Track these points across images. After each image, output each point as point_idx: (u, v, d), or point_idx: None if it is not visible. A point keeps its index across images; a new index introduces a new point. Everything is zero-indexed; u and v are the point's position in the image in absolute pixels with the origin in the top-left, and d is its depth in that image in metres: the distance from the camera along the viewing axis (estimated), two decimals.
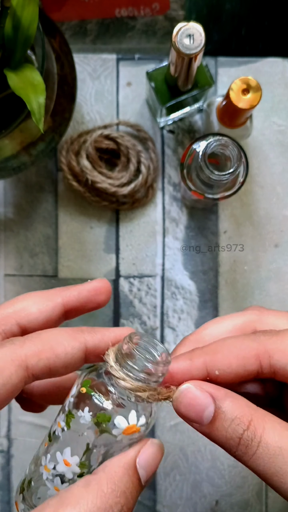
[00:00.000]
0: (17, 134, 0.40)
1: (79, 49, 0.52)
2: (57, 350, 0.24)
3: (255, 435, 0.22)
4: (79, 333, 0.25)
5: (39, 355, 0.23)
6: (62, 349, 0.24)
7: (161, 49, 0.52)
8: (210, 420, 0.23)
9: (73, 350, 0.24)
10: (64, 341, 0.24)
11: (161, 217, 0.52)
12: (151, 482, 0.51)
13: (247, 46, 0.52)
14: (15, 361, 0.23)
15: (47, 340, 0.24)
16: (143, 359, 0.24)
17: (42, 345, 0.24)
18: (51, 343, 0.24)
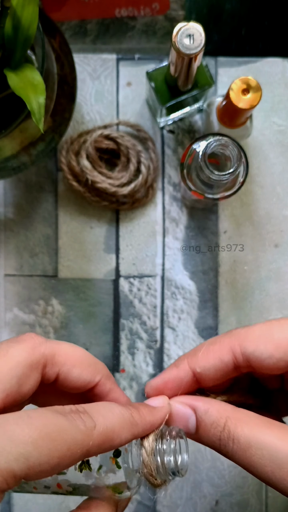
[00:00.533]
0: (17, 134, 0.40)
1: (79, 49, 0.52)
2: (115, 443, 0.24)
3: (229, 433, 0.25)
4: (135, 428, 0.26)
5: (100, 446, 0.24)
6: (119, 442, 0.25)
7: (161, 49, 0.52)
8: (195, 428, 0.27)
9: (125, 442, 0.25)
10: (123, 434, 0.25)
11: (161, 217, 0.52)
12: None
13: (247, 46, 0.52)
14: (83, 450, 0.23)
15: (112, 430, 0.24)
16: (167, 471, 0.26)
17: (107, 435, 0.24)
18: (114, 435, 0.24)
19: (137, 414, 0.26)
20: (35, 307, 0.52)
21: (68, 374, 0.27)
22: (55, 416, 0.22)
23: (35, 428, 0.21)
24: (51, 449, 0.21)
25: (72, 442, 0.22)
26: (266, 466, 0.24)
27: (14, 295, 0.52)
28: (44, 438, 0.21)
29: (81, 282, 0.52)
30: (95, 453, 0.24)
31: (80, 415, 0.23)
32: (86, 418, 0.23)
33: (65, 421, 0.22)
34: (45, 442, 0.21)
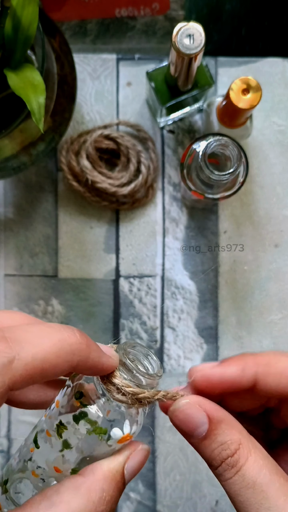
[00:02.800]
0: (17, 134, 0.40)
1: (79, 49, 0.52)
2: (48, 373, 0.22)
3: (237, 463, 0.23)
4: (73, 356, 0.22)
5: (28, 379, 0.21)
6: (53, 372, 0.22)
7: (161, 49, 0.52)
8: (200, 437, 0.24)
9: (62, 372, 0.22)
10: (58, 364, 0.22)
11: (161, 217, 0.52)
12: (151, 482, 0.52)
13: (247, 46, 0.52)
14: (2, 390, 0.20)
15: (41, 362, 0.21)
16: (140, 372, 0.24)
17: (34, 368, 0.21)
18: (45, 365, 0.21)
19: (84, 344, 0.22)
20: (35, 307, 0.52)
21: None
22: None
23: None
24: None
25: None
26: None
27: (14, 295, 0.52)
28: None
29: (81, 282, 0.52)
30: (24, 386, 0.21)
31: None
32: (3, 349, 0.20)
33: None
34: None
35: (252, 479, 0.23)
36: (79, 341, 0.22)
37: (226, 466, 0.23)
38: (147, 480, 0.51)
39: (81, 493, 0.22)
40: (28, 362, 0.20)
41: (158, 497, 0.51)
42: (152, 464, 0.52)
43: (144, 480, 0.52)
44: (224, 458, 0.23)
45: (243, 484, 0.23)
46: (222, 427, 0.24)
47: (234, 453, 0.23)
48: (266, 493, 0.22)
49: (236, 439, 0.24)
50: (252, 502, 0.23)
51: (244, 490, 0.23)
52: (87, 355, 0.22)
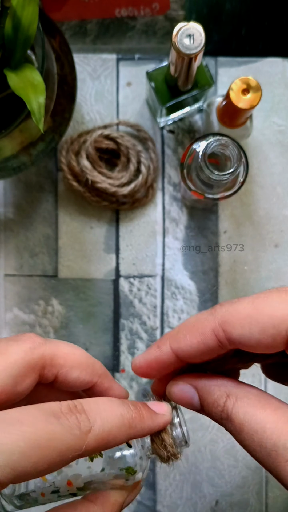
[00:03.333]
0: (17, 134, 0.40)
1: (79, 49, 0.52)
2: (110, 445, 0.24)
3: (227, 414, 0.25)
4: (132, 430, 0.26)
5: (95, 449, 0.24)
6: (114, 444, 0.24)
7: (161, 49, 0.52)
8: (199, 406, 0.27)
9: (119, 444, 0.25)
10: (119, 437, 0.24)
11: (161, 217, 0.52)
12: (151, 482, 0.52)
13: (247, 46, 0.52)
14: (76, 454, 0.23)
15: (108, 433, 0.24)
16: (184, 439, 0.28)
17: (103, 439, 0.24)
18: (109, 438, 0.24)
19: (137, 417, 0.26)
20: (35, 307, 0.52)
21: (66, 375, 0.27)
22: (47, 421, 0.22)
23: (24, 437, 0.20)
24: (40, 457, 0.21)
25: (63, 448, 0.22)
26: (257, 452, 0.24)
27: (14, 295, 0.52)
28: (34, 447, 0.21)
29: (81, 282, 0.52)
30: (88, 455, 0.24)
31: (77, 415, 0.23)
32: (82, 419, 0.23)
33: (58, 426, 0.22)
34: (34, 450, 0.21)
35: (240, 422, 0.25)
36: (134, 416, 0.26)
37: (223, 420, 0.26)
38: (147, 480, 0.51)
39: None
40: (99, 433, 0.23)
41: (158, 497, 0.51)
42: (152, 464, 0.52)
43: (144, 480, 0.52)
44: (219, 414, 0.26)
45: (236, 430, 0.25)
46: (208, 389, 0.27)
47: (224, 406, 0.26)
48: (254, 430, 0.24)
49: (222, 394, 0.26)
50: (248, 444, 0.24)
51: (239, 436, 0.25)
52: (141, 426, 0.26)
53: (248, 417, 0.24)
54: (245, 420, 0.24)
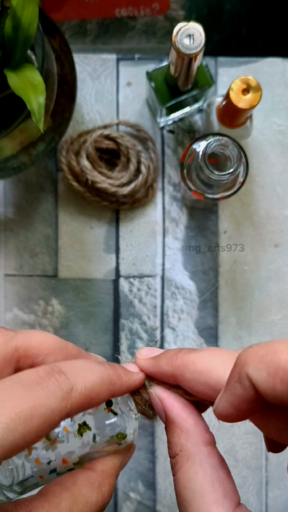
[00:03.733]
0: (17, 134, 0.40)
1: (79, 49, 0.52)
2: (94, 402, 0.25)
3: (175, 466, 0.25)
4: (112, 387, 0.26)
5: (80, 408, 0.24)
6: (97, 401, 0.25)
7: (161, 49, 0.52)
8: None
9: (102, 401, 0.25)
10: (101, 394, 0.25)
11: (161, 217, 0.52)
12: (151, 482, 0.52)
13: (247, 46, 0.52)
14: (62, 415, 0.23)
15: (90, 391, 0.24)
16: None
17: (86, 396, 0.24)
18: (92, 395, 0.24)
19: (115, 374, 0.26)
20: (35, 307, 0.52)
21: (43, 363, 0.27)
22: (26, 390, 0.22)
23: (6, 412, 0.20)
24: (26, 428, 0.21)
25: (48, 412, 0.21)
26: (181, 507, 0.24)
27: (14, 295, 0.52)
28: (17, 420, 0.20)
29: (81, 282, 0.52)
30: (74, 414, 0.24)
31: (56, 377, 0.23)
32: (62, 380, 0.23)
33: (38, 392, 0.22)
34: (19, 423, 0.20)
35: (180, 488, 0.25)
36: (112, 372, 0.26)
37: (171, 463, 0.26)
38: (147, 480, 0.51)
39: (96, 487, 0.25)
40: (82, 391, 0.23)
41: (158, 497, 0.51)
42: (152, 464, 0.52)
43: (144, 480, 0.52)
44: (169, 456, 0.26)
45: (175, 487, 0.25)
46: (172, 428, 0.26)
47: (175, 456, 0.25)
48: (187, 506, 0.24)
49: (178, 444, 0.26)
50: (180, 508, 0.25)
51: (176, 494, 0.25)
52: (120, 382, 0.26)
53: (186, 492, 0.24)
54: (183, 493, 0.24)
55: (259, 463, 0.52)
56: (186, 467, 0.25)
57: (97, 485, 0.25)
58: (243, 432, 0.52)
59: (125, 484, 0.51)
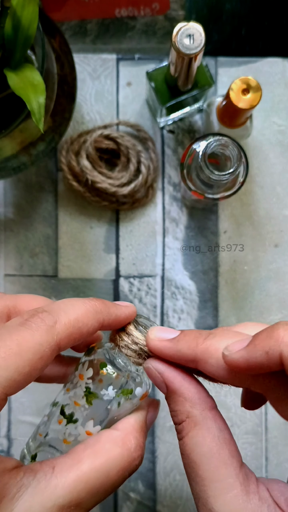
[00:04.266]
0: (17, 134, 0.40)
1: (79, 49, 0.52)
2: (83, 330, 0.26)
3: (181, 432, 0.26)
4: (99, 315, 0.27)
5: (69, 337, 0.25)
6: (86, 329, 0.26)
7: (161, 49, 0.52)
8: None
9: (94, 330, 0.27)
10: (89, 322, 0.26)
11: (161, 217, 0.52)
12: (151, 482, 0.52)
13: (247, 46, 0.52)
14: (52, 347, 0.24)
15: (76, 321, 0.26)
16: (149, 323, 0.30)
17: (73, 327, 0.25)
18: (79, 324, 0.26)
19: (101, 303, 0.28)
20: None
21: None
22: (11, 332, 0.23)
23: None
24: (18, 362, 0.22)
25: (36, 345, 0.23)
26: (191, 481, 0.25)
27: None
28: (6, 358, 0.22)
29: (81, 282, 0.52)
30: (67, 345, 0.25)
31: (39, 315, 0.25)
32: (44, 316, 0.25)
33: (23, 331, 0.24)
34: (9, 360, 0.22)
35: (188, 451, 0.25)
36: (97, 303, 0.28)
37: (176, 431, 0.26)
38: (147, 480, 0.51)
39: (119, 443, 0.26)
40: (66, 322, 0.25)
41: (158, 497, 0.51)
42: (152, 464, 0.52)
43: (144, 480, 0.52)
44: (175, 423, 0.26)
45: (183, 451, 0.26)
46: (175, 397, 0.27)
47: (181, 422, 0.26)
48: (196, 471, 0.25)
49: (184, 411, 0.26)
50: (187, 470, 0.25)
51: (184, 458, 0.26)
52: (108, 310, 0.28)
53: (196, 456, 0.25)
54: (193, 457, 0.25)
55: (259, 463, 0.52)
56: (194, 432, 0.25)
57: (120, 441, 0.26)
58: (243, 432, 0.52)
59: (125, 484, 0.51)
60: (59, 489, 0.23)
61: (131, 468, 0.26)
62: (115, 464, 0.25)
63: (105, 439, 0.26)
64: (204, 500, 0.24)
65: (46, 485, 0.23)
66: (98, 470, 0.24)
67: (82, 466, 0.24)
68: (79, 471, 0.24)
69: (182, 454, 0.26)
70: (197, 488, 0.25)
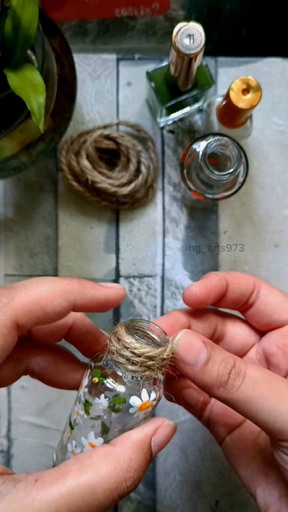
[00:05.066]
0: (17, 134, 0.40)
1: (79, 49, 0.52)
2: (47, 308, 0.25)
3: (240, 370, 0.26)
4: (69, 293, 0.26)
5: (29, 314, 0.24)
6: (51, 307, 0.25)
7: (161, 49, 0.52)
8: (203, 363, 0.27)
9: (62, 308, 0.25)
10: (54, 300, 0.25)
11: (161, 217, 0.52)
12: (151, 482, 0.52)
13: (247, 46, 0.52)
14: (7, 324, 0.23)
15: (37, 298, 0.24)
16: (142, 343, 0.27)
17: (33, 303, 0.24)
18: (40, 300, 0.25)
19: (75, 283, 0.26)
20: None
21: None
22: None
23: None
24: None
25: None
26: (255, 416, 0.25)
27: None
28: None
29: None
30: (27, 322, 0.24)
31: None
32: (2, 293, 0.24)
33: None
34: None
35: (259, 376, 0.26)
36: (70, 280, 0.26)
37: (234, 375, 0.26)
38: (147, 480, 0.51)
39: (110, 460, 0.24)
40: (25, 299, 0.24)
41: (158, 497, 0.51)
42: (152, 464, 0.52)
43: (144, 480, 0.52)
44: (229, 369, 0.26)
45: (253, 381, 0.26)
46: (218, 348, 0.27)
47: (235, 364, 0.26)
48: (273, 383, 0.26)
49: (231, 355, 0.27)
50: (265, 394, 0.25)
51: (257, 386, 0.25)
52: (81, 289, 0.26)
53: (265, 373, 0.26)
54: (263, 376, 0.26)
55: None
56: (250, 365, 0.27)
57: (113, 458, 0.24)
58: None
59: None
60: (36, 502, 0.22)
61: (121, 490, 0.24)
62: (102, 483, 0.23)
63: (97, 455, 0.25)
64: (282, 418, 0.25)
65: (24, 496, 0.22)
66: (83, 487, 0.23)
67: (66, 481, 0.23)
68: (62, 486, 0.23)
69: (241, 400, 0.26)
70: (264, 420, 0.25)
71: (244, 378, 0.26)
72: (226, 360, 0.27)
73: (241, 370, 0.26)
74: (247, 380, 0.26)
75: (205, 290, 0.31)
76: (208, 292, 0.31)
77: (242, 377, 0.26)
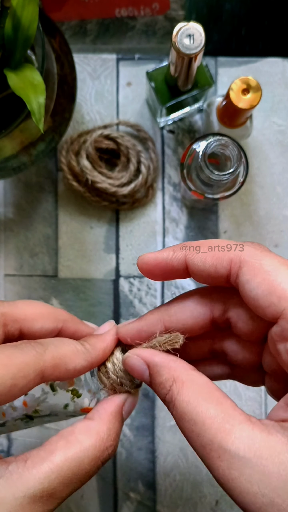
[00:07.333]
0: (17, 134, 0.40)
1: (79, 49, 0.52)
2: (69, 367, 0.27)
3: (171, 398, 0.26)
4: (88, 354, 0.29)
5: (55, 369, 0.26)
6: (73, 366, 0.27)
7: (161, 49, 0.52)
8: (149, 380, 0.28)
9: (80, 368, 0.28)
10: (76, 360, 0.28)
11: (161, 217, 0.52)
12: (151, 482, 0.52)
13: (247, 46, 0.52)
14: (36, 371, 0.25)
15: (63, 355, 0.27)
16: None
17: (60, 359, 0.27)
18: (66, 359, 0.27)
19: (87, 344, 0.29)
20: None
21: (31, 328, 0.29)
22: (3, 348, 0.25)
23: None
24: (3, 374, 0.24)
25: (22, 364, 0.24)
26: (193, 442, 0.24)
27: (14, 295, 0.52)
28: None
29: (81, 282, 0.52)
30: (51, 375, 0.26)
31: (31, 343, 0.26)
32: (36, 345, 0.26)
33: (14, 349, 0.25)
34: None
35: (183, 410, 0.25)
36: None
37: (167, 403, 0.26)
38: (147, 480, 0.51)
39: (92, 433, 0.27)
40: (54, 354, 0.26)
41: (158, 497, 0.51)
42: (152, 464, 0.52)
43: (144, 480, 0.52)
44: (164, 395, 0.26)
45: (178, 416, 0.25)
46: (158, 370, 0.27)
47: (169, 390, 0.26)
48: (194, 420, 0.24)
49: (169, 377, 0.27)
50: (187, 434, 0.25)
51: (180, 421, 0.25)
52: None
53: (190, 407, 0.25)
54: (187, 410, 0.25)
55: None
56: (183, 389, 0.26)
57: (94, 431, 0.27)
58: None
59: (125, 484, 0.51)
60: (31, 480, 0.24)
61: (104, 457, 0.27)
62: (87, 454, 0.26)
63: (79, 430, 0.27)
64: (215, 446, 0.23)
65: (18, 477, 0.24)
66: (71, 460, 0.25)
67: (54, 458, 0.25)
68: (51, 462, 0.25)
69: (178, 418, 0.25)
70: (202, 439, 0.24)
71: (173, 408, 0.26)
72: (163, 385, 0.27)
73: (173, 398, 0.26)
74: (175, 411, 0.26)
75: (152, 262, 0.30)
76: (156, 265, 0.30)
77: (172, 406, 0.26)
